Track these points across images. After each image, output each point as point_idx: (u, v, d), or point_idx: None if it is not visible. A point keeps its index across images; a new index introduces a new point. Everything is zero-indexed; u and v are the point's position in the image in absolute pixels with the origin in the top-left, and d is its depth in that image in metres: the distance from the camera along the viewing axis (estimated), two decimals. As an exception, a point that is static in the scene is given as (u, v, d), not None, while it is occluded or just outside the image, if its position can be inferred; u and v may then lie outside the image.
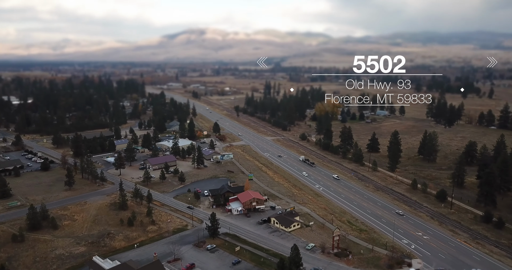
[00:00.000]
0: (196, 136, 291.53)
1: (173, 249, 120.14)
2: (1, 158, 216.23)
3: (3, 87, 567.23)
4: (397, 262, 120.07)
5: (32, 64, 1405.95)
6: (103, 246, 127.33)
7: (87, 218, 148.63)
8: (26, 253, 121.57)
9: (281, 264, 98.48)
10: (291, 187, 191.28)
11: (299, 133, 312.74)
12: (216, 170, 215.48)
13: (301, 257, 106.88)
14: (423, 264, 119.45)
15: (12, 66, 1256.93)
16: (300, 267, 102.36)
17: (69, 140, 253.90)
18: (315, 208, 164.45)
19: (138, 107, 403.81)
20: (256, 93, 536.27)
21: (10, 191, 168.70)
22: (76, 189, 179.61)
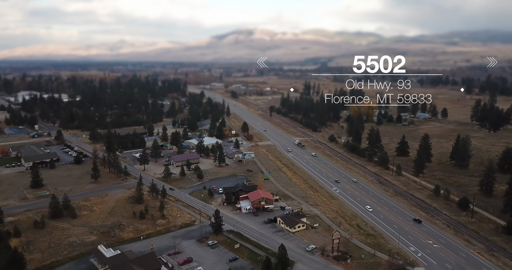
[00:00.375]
0: (224, 135, 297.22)
1: (174, 243, 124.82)
2: (41, 151, 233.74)
3: (58, 86, 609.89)
4: (398, 269, 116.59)
5: (90, 64, 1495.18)
6: (112, 236, 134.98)
7: (104, 209, 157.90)
8: (43, 238, 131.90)
9: (267, 262, 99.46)
10: (307, 188, 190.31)
11: (329, 135, 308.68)
12: (236, 168, 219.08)
13: (288, 258, 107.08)
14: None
15: (72, 66, 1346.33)
16: (288, 267, 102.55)
17: (105, 136, 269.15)
18: (326, 210, 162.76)
19: (176, 106, 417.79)
20: (296, 94, 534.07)
21: (42, 181, 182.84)
22: (101, 182, 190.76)
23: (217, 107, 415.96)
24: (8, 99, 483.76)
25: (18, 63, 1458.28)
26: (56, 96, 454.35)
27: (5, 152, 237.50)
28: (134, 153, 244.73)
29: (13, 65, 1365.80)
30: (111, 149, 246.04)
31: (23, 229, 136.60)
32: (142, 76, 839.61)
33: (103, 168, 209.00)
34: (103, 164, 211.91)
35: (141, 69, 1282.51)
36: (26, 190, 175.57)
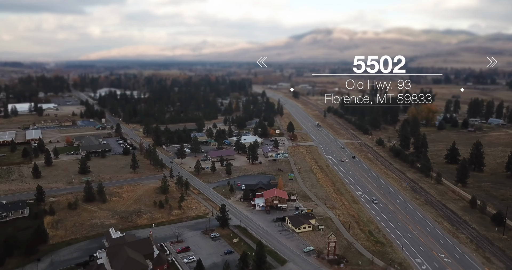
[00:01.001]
0: (268, 134, 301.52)
1: (176, 232, 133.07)
2: (97, 142, 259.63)
3: (134, 83, 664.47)
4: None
5: (173, 63, 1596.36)
6: (129, 222, 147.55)
7: (132, 197, 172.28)
8: (71, 218, 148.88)
9: (243, 257, 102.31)
10: (332, 191, 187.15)
11: (379, 138, 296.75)
12: (268, 167, 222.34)
13: (266, 255, 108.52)
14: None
15: (157, 65, 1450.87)
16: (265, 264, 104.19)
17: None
18: (342, 214, 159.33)
19: (233, 104, 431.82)
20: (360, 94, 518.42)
21: (88, 168, 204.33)
22: (139, 172, 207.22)
23: (271, 107, 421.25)
24: (90, 95, 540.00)
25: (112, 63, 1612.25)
26: (128, 93, 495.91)
27: (69, 141, 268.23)
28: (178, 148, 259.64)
29: (107, 64, 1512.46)
30: (159, 143, 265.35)
31: (58, 209, 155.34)
32: (213, 75, 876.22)
33: (146, 160, 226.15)
34: (146, 157, 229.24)
35: (217, 69, 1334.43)
36: (74, 176, 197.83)
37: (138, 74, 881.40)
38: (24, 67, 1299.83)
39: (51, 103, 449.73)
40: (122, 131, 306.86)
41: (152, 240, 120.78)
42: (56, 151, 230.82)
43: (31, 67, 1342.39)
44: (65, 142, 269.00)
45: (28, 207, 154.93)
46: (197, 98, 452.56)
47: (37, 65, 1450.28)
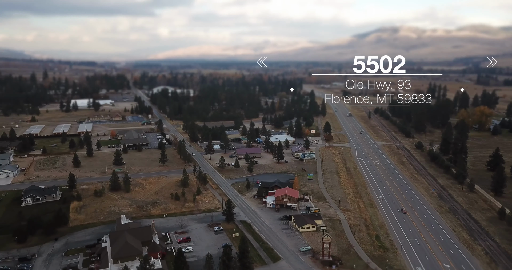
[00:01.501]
0: (303, 134, 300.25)
1: (181, 223, 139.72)
2: (137, 136, 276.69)
3: (187, 82, 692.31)
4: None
5: (234, 63, 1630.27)
6: (143, 211, 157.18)
7: (153, 188, 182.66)
8: (94, 205, 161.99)
9: (227, 250, 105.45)
10: (352, 193, 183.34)
11: (423, 141, 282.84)
12: (292, 166, 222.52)
13: (249, 250, 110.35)
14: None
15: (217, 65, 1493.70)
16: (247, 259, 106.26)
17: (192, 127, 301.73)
18: (354, 216, 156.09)
19: (276, 103, 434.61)
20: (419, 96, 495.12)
21: (122, 160, 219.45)
22: (167, 166, 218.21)
23: (315, 107, 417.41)
24: (146, 92, 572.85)
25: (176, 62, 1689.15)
26: (179, 91, 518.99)
27: (114, 135, 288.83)
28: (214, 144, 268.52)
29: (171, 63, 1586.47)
30: (194, 139, 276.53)
31: (86, 196, 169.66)
32: (266, 75, 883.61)
33: (177, 154, 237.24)
34: (178, 151, 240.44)
35: (275, 68, 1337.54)
36: (108, 166, 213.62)
37: (197, 73, 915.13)
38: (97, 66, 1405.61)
39: (109, 99, 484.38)
40: (164, 127, 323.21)
41: (153, 229, 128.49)
42: (98, 144, 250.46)
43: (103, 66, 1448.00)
44: (110, 135, 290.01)
45: (61, 193, 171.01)
46: (242, 97, 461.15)
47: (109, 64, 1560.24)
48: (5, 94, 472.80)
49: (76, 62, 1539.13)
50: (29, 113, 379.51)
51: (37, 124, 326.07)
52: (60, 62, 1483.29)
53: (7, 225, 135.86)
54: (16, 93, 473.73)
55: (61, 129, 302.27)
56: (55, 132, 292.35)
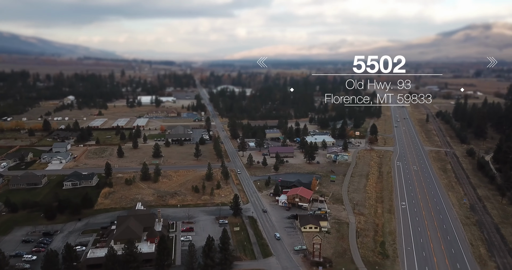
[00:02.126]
0: (346, 135, 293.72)
1: (188, 214, 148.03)
2: (183, 132, 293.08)
3: (249, 81, 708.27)
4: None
5: (307, 63, 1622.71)
6: (162, 200, 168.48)
7: (179, 180, 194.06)
8: (122, 191, 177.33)
9: (208, 241, 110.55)
10: (374, 197, 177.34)
11: (480, 148, 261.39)
12: (322, 168, 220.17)
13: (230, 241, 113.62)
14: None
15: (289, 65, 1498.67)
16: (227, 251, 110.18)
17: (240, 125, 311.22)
18: (365, 221, 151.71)
19: (329, 104, 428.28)
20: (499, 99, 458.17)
21: (160, 153, 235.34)
22: (201, 160, 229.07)
23: (368, 108, 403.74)
24: (209, 91, 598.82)
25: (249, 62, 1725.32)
26: (237, 90, 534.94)
27: (163, 130, 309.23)
28: (249, 142, 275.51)
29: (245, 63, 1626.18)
30: (234, 136, 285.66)
31: (117, 183, 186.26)
32: (330, 75, 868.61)
33: (214, 150, 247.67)
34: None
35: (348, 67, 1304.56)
36: (147, 158, 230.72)
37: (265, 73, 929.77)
38: (175, 66, 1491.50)
39: (171, 96, 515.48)
40: (213, 124, 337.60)
41: (159, 217, 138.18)
42: (145, 137, 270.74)
43: (180, 65, 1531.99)
44: (160, 130, 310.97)
45: (98, 179, 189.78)
46: (296, 96, 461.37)
47: (187, 63, 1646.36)
48: (83, 90, 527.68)
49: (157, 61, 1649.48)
50: (99, 108, 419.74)
51: (101, 118, 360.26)
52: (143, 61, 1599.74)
53: (44, 204, 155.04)
54: (92, 89, 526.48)
55: (119, 123, 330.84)
56: (113, 125, 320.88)
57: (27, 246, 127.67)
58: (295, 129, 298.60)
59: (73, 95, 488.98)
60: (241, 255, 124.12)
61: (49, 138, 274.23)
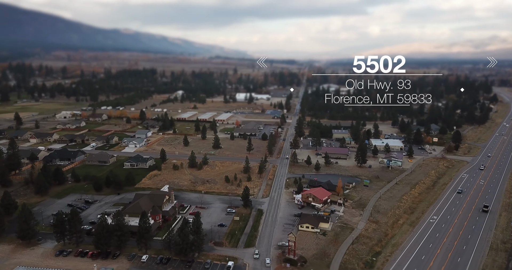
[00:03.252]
0: (423, 141, 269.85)
1: (201, 200, 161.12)
2: (253, 127, 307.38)
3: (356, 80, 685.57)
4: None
5: (442, 62, 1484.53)
6: (193, 187, 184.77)
7: (220, 170, 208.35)
8: (165, 175, 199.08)
9: (183, 224, 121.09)
10: (404, 208, 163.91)
11: None
12: (370, 172, 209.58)
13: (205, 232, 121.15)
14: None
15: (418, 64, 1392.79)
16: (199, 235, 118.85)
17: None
18: (374, 229, 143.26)
19: (427, 107, 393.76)
20: None
21: (220, 145, 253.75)
22: (253, 154, 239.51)
23: (472, 113, 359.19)
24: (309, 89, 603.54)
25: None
26: (332, 89, 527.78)
27: (238, 124, 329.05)
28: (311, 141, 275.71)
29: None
30: (300, 134, 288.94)
31: (167, 168, 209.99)
32: (453, 76, 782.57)
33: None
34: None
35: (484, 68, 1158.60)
36: (206, 149, 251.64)
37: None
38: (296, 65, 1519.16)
39: (267, 94, 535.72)
40: (289, 122, 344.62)
41: (171, 198, 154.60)
42: (215, 130, 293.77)
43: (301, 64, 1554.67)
44: (235, 124, 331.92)
45: (154, 163, 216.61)
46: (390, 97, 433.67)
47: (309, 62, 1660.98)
48: (193, 86, 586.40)
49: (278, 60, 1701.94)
50: (198, 102, 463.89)
51: (193, 111, 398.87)
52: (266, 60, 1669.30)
53: (96, 178, 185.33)
54: (201, 86, 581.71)
55: (204, 116, 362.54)
56: (198, 118, 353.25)
57: (68, 209, 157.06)
58: (366, 131, 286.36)
59: (183, 90, 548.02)
60: (225, 241, 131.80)
61: (140, 126, 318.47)
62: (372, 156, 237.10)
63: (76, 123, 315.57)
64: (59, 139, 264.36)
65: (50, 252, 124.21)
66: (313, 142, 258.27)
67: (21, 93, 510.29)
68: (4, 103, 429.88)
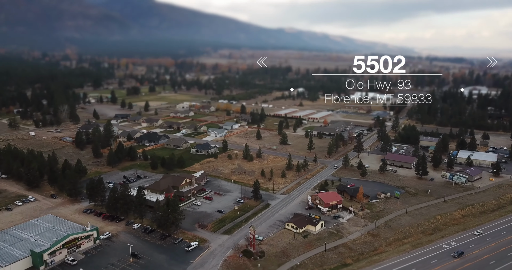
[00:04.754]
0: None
1: (219, 187, 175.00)
2: (333, 127, 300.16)
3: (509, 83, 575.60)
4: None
5: None
6: (230, 175, 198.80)
7: (266, 164, 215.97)
8: (216, 163, 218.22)
9: (168, 200, 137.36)
10: (424, 228, 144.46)
11: None
12: (425, 185, 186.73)
13: (179, 206, 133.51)
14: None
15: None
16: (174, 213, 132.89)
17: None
18: (364, 242, 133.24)
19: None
20: None
21: (287, 141, 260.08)
22: (312, 152, 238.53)
23: None
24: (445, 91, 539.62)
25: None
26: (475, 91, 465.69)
27: (326, 123, 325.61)
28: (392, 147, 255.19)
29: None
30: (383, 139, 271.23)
31: (223, 157, 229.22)
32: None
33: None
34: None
35: None
36: (273, 144, 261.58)
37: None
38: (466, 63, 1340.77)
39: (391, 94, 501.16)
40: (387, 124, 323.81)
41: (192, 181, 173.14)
42: (295, 127, 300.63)
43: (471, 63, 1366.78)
44: (323, 123, 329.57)
45: (217, 151, 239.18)
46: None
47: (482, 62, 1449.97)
48: (316, 83, 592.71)
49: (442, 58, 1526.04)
50: (311, 100, 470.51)
51: (295, 108, 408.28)
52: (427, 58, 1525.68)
53: (154, 158, 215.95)
54: (325, 83, 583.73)
55: (300, 113, 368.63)
56: (295, 115, 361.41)
57: (121, 180, 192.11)
58: (460, 141, 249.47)
59: (305, 88, 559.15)
60: (210, 225, 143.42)
61: (235, 119, 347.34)
62: (446, 168, 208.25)
63: (185, 113, 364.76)
64: (161, 125, 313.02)
65: (81, 209, 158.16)
66: (382, 147, 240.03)
67: (166, 85, 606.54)
68: (151, 93, 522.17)
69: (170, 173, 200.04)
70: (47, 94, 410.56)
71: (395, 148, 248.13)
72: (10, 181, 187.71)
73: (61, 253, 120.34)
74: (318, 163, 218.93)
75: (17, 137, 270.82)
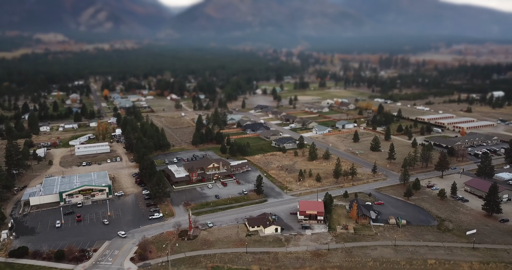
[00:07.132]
0: None
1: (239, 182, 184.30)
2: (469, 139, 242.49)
3: None
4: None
5: None
6: (271, 169, 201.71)
7: (325, 166, 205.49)
8: (279, 157, 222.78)
9: (158, 176, 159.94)
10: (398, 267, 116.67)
11: None
12: (483, 225, 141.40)
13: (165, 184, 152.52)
14: None
15: None
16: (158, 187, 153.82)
17: None
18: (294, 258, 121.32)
19: None
20: None
21: (380, 148, 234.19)
22: (392, 163, 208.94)
23: None
24: None
25: None
26: None
27: (463, 134, 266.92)
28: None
29: None
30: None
31: (291, 153, 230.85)
32: None
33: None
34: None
35: None
36: (363, 148, 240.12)
37: None
38: None
39: None
40: None
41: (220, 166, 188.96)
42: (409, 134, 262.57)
43: None
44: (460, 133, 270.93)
45: (296, 147, 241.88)
46: None
47: None
48: None
49: None
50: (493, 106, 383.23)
51: (454, 114, 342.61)
52: None
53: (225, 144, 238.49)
54: None
55: (450, 120, 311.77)
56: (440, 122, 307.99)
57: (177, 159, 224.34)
58: None
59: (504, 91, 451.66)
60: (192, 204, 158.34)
61: (362, 119, 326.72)
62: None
63: (319, 109, 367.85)
64: (280, 117, 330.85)
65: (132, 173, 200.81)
66: (480, 170, 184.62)
67: (339, 80, 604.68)
68: (319, 89, 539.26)
69: (231, 158, 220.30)
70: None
71: (509, 175, 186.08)
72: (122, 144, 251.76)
73: (78, 197, 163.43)
74: (378, 174, 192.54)
75: (169, 116, 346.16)
